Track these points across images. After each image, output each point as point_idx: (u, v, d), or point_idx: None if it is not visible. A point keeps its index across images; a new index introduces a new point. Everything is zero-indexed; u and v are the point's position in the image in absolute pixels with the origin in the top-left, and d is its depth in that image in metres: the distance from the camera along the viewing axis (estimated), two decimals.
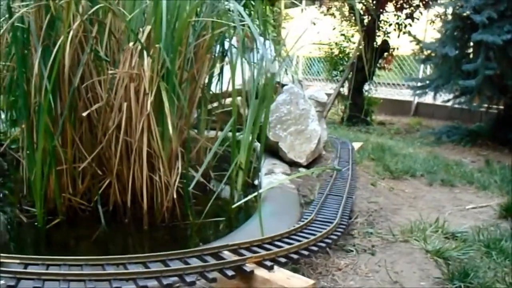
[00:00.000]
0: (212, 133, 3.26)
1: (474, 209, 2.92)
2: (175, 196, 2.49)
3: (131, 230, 2.54)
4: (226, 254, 1.68)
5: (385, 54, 7.63)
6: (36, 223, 2.43)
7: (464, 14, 5.25)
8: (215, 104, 3.36)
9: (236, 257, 1.64)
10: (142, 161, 2.46)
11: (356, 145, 4.43)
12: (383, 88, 9.74)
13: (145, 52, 2.45)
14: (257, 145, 3.15)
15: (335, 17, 8.17)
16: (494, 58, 4.95)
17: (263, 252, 1.69)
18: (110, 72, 2.44)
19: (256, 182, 3.10)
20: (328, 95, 7.85)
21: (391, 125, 7.46)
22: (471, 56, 5.46)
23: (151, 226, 2.49)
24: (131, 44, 2.46)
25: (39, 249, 2.36)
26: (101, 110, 2.51)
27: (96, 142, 2.56)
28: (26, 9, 2.39)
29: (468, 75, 5.10)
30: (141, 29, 2.57)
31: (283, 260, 1.71)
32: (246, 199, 2.57)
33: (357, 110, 7.37)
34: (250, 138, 2.88)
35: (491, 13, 4.87)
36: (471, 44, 5.44)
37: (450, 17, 5.83)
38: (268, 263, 1.63)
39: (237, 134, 2.93)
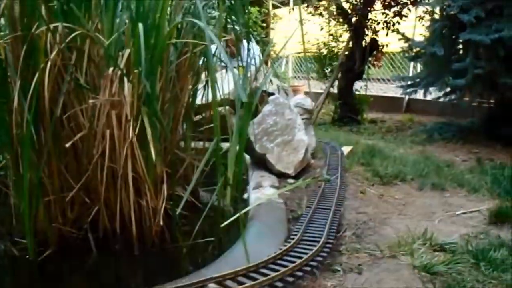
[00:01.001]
0: (200, 144, 3.24)
1: (464, 215, 2.91)
2: (161, 222, 2.49)
3: (123, 256, 2.53)
4: (212, 287, 1.68)
5: (374, 52, 7.61)
6: (27, 256, 2.42)
7: (452, 13, 5.21)
8: (203, 114, 3.34)
9: None
10: (128, 187, 2.45)
11: (346, 149, 4.43)
12: (374, 83, 9.74)
13: (125, 78, 2.44)
14: (245, 157, 3.14)
15: (322, 16, 8.15)
16: (483, 56, 4.93)
17: (248, 283, 1.69)
18: (90, 101, 2.43)
19: (244, 196, 3.09)
20: (318, 94, 7.88)
21: (382, 123, 7.45)
22: (460, 53, 5.45)
23: (142, 251, 2.48)
24: (110, 70, 2.45)
25: (32, 284, 2.37)
26: (84, 138, 2.50)
27: (82, 170, 2.55)
28: (2, 41, 2.37)
29: (457, 73, 5.09)
30: (120, 53, 2.56)
31: None
32: (232, 218, 2.55)
33: (348, 110, 7.38)
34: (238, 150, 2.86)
35: (479, 12, 4.84)
36: (460, 42, 5.43)
37: (437, 16, 5.82)
38: None
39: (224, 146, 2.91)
